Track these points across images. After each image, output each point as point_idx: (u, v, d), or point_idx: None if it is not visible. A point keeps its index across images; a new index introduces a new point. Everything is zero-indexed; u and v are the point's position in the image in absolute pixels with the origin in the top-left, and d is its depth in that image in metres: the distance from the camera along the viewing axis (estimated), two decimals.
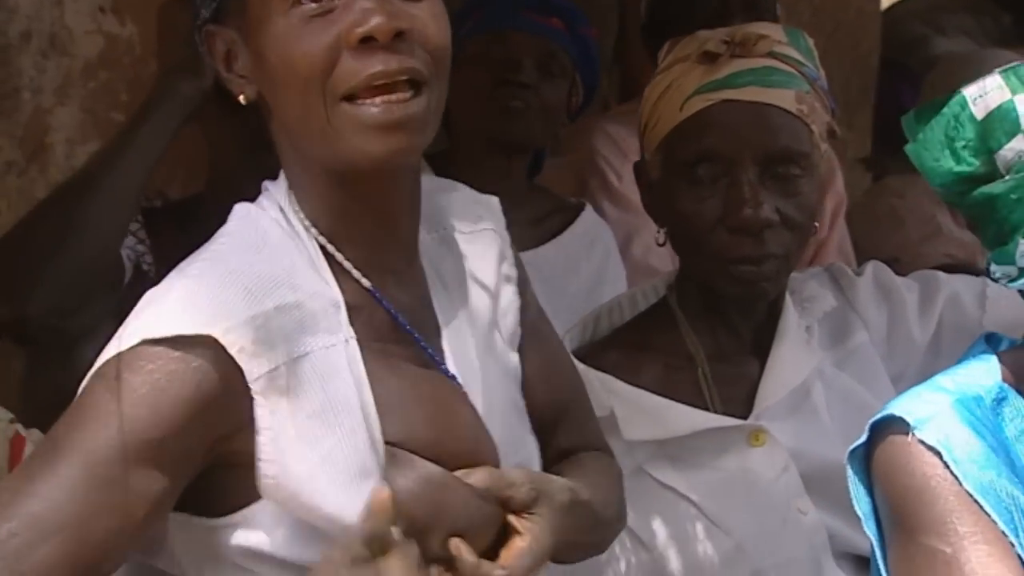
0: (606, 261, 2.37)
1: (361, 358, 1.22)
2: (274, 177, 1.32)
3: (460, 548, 1.22)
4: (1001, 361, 1.45)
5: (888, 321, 1.87)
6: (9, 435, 1.53)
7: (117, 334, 1.17)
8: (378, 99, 1.18)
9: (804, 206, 1.74)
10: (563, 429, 1.44)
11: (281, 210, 1.28)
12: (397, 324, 1.28)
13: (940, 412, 1.36)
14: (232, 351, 1.13)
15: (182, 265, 1.22)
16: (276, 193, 1.30)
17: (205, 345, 1.13)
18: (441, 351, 1.34)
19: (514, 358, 1.42)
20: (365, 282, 1.22)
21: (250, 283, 1.19)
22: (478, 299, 1.41)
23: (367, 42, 1.16)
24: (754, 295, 1.74)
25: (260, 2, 1.21)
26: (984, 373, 1.44)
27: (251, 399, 1.14)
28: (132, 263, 1.95)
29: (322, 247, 1.23)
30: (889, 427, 1.38)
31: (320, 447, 1.17)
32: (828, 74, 1.88)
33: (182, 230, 1.95)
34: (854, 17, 3.64)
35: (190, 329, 1.12)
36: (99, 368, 1.15)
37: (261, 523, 1.19)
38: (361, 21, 1.16)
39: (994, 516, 1.32)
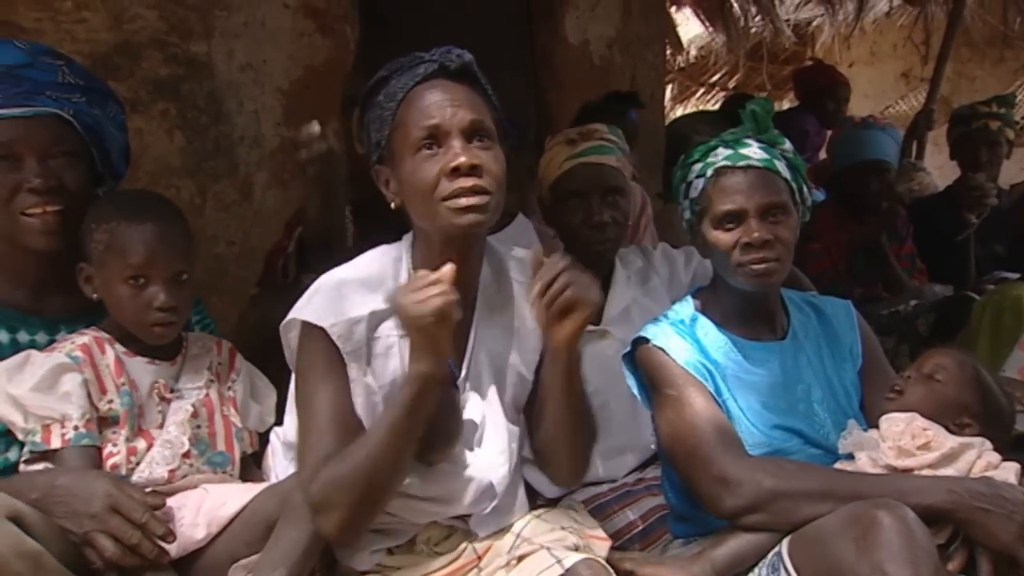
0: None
1: (407, 351, 1.47)
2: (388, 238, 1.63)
3: None
4: (695, 298, 1.92)
5: (669, 272, 2.46)
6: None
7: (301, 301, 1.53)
8: (463, 199, 1.46)
9: (624, 213, 2.38)
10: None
11: (402, 252, 1.59)
12: None
13: (663, 330, 1.77)
14: (332, 336, 1.53)
15: (334, 270, 1.56)
16: (404, 242, 1.63)
17: (322, 331, 1.53)
18: (461, 354, 1.60)
19: (526, 368, 1.66)
20: None
21: (350, 293, 1.50)
22: (511, 327, 1.64)
23: (456, 170, 1.46)
24: (603, 255, 2.35)
25: (399, 151, 1.51)
26: (686, 307, 1.91)
27: (344, 359, 1.52)
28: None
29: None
30: (640, 341, 1.81)
31: (376, 391, 1.54)
32: (637, 148, 2.51)
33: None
34: (652, 122, 4.62)
35: (317, 321, 1.53)
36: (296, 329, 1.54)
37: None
38: (453, 159, 1.45)
39: (695, 375, 1.76)
